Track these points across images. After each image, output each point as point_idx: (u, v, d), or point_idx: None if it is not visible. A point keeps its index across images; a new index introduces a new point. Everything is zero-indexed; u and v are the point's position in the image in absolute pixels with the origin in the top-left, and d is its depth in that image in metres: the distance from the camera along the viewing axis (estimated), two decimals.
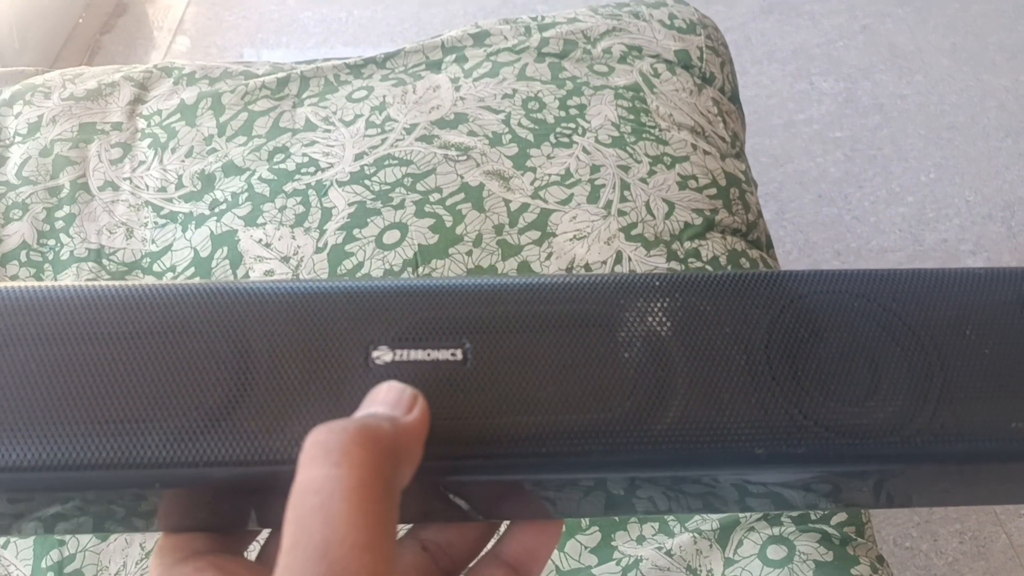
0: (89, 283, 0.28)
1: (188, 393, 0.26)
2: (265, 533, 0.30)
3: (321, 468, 0.20)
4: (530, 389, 0.26)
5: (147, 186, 0.87)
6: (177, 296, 0.27)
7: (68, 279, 0.80)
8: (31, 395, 0.25)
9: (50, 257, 0.82)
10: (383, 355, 0.27)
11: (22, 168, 0.87)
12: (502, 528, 0.31)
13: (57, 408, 0.25)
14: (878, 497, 0.31)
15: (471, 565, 0.30)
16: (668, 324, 0.28)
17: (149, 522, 0.28)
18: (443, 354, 0.27)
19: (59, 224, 0.84)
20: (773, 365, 0.27)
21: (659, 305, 0.28)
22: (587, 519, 0.71)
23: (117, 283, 0.28)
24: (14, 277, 0.81)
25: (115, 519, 0.29)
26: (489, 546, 0.30)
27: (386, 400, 0.24)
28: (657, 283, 0.29)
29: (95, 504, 0.27)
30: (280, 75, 0.94)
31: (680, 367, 0.27)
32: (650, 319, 0.28)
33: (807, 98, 1.87)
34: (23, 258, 0.82)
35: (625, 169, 0.86)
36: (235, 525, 0.27)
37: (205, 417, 0.25)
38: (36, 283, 0.28)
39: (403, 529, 0.30)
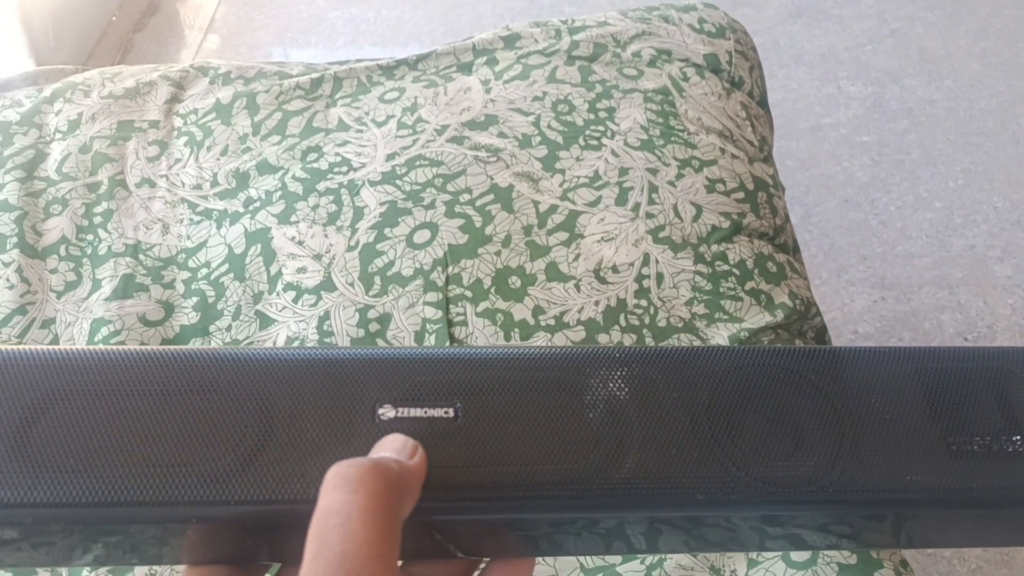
0: (134, 347, 0.32)
1: (219, 443, 0.30)
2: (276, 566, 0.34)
3: (341, 494, 0.25)
4: (510, 443, 0.31)
5: (183, 183, 0.89)
6: (209, 359, 0.32)
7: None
8: (86, 442, 0.30)
9: (88, 252, 0.84)
10: (387, 412, 0.31)
11: (62, 164, 0.89)
12: (482, 565, 0.35)
13: (108, 453, 0.30)
14: (897, 537, 0.36)
15: None
16: (626, 390, 0.33)
17: (178, 555, 0.33)
18: (437, 412, 0.32)
19: (97, 220, 0.86)
20: (713, 426, 0.32)
21: (619, 374, 0.33)
22: None
23: (159, 348, 0.33)
24: (54, 271, 0.83)
25: (148, 552, 0.33)
26: None
27: (392, 447, 0.29)
28: (618, 355, 0.34)
29: (135, 537, 0.31)
30: (314, 75, 0.96)
31: (635, 426, 0.32)
32: (611, 385, 0.33)
33: (834, 102, 1.87)
34: (62, 252, 0.84)
35: (653, 172, 0.87)
36: (251, 558, 0.31)
37: (234, 463, 0.30)
38: (89, 346, 0.33)
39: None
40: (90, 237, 0.85)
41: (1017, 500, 0.33)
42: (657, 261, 0.82)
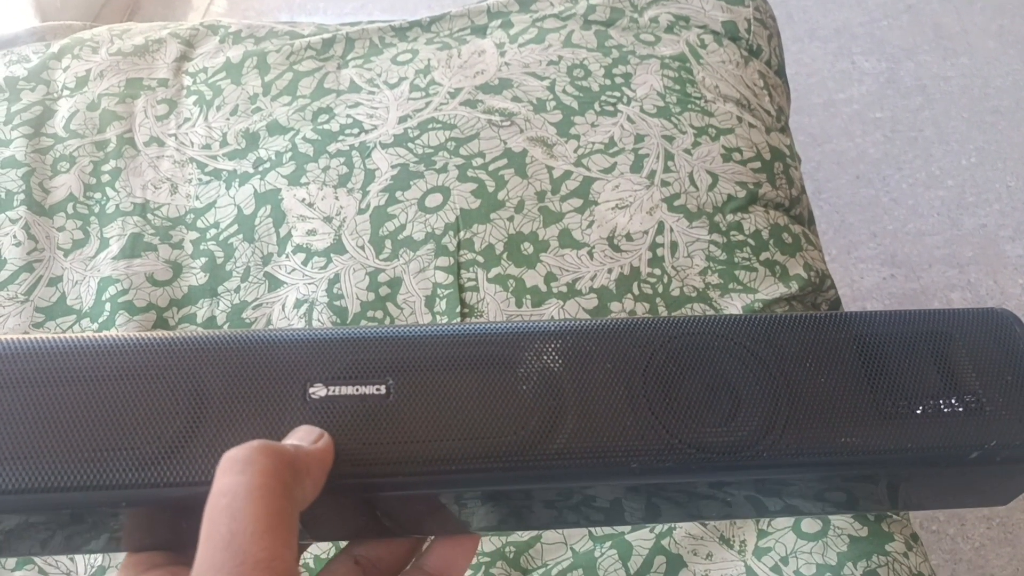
0: (64, 335, 0.32)
1: (149, 427, 0.30)
2: None
3: (230, 476, 0.24)
4: (443, 419, 0.31)
5: (192, 143, 0.88)
6: (140, 345, 0.32)
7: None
8: (16, 430, 0.30)
9: (96, 210, 0.83)
10: (318, 391, 0.31)
11: (70, 121, 0.88)
12: (426, 544, 0.35)
13: (36, 440, 0.30)
14: (892, 501, 0.37)
15: None
16: (560, 362, 0.33)
17: (116, 542, 0.33)
18: (369, 389, 0.31)
19: (105, 178, 0.85)
20: (649, 395, 0.32)
21: (552, 346, 0.33)
22: None
23: (88, 335, 0.32)
24: (61, 229, 0.82)
25: (84, 540, 0.33)
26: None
27: (296, 435, 0.29)
28: (551, 328, 0.34)
29: (69, 526, 0.31)
30: (325, 36, 0.94)
31: (570, 398, 0.32)
32: (545, 358, 0.33)
33: (848, 77, 1.84)
34: (70, 210, 0.83)
35: (669, 139, 0.86)
36: (189, 543, 0.30)
37: (164, 447, 0.30)
38: (15, 336, 0.32)
39: (339, 548, 0.35)
40: (98, 195, 0.84)
41: (950, 459, 0.33)
42: (672, 230, 0.81)
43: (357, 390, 0.31)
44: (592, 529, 0.69)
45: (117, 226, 0.82)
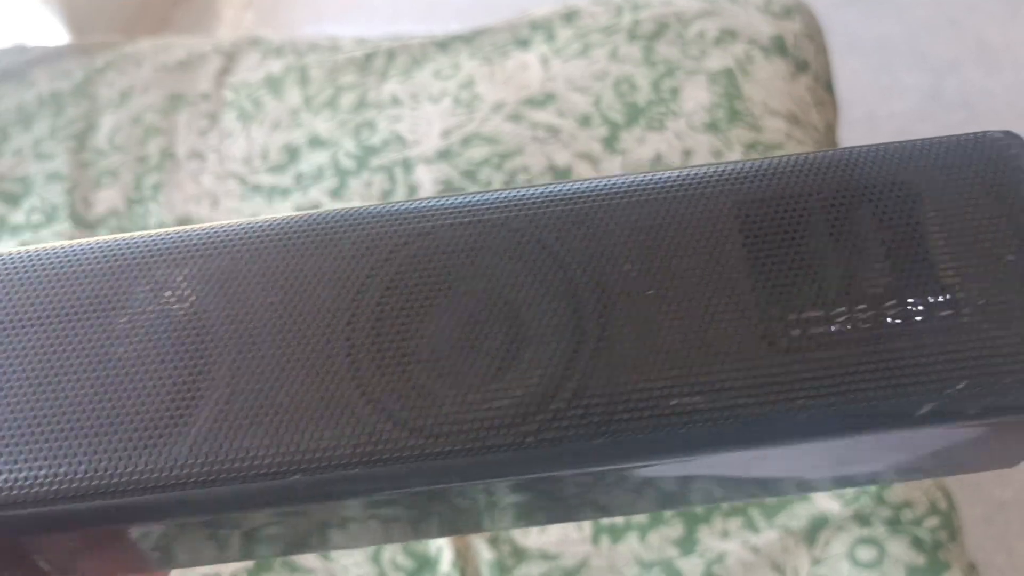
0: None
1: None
2: None
3: None
4: None
5: (233, 157, 0.87)
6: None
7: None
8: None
9: (139, 224, 0.83)
10: None
11: (113, 136, 0.88)
12: None
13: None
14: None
15: None
16: (193, 299, 0.20)
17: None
18: None
19: (148, 192, 0.85)
20: (356, 350, 0.20)
21: (184, 273, 0.20)
22: (669, 511, 0.69)
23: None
24: None
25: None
26: None
27: None
28: (191, 240, 0.21)
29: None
30: (367, 50, 0.94)
31: (219, 361, 0.19)
32: (168, 294, 0.20)
33: (890, 92, 1.81)
34: (113, 224, 0.83)
35: (718, 155, 0.84)
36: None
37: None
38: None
39: None
40: (140, 209, 0.84)
41: (886, 417, 0.20)
42: None
43: None
44: (641, 556, 0.67)
45: None
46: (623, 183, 0.22)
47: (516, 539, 0.69)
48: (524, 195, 0.22)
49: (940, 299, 0.20)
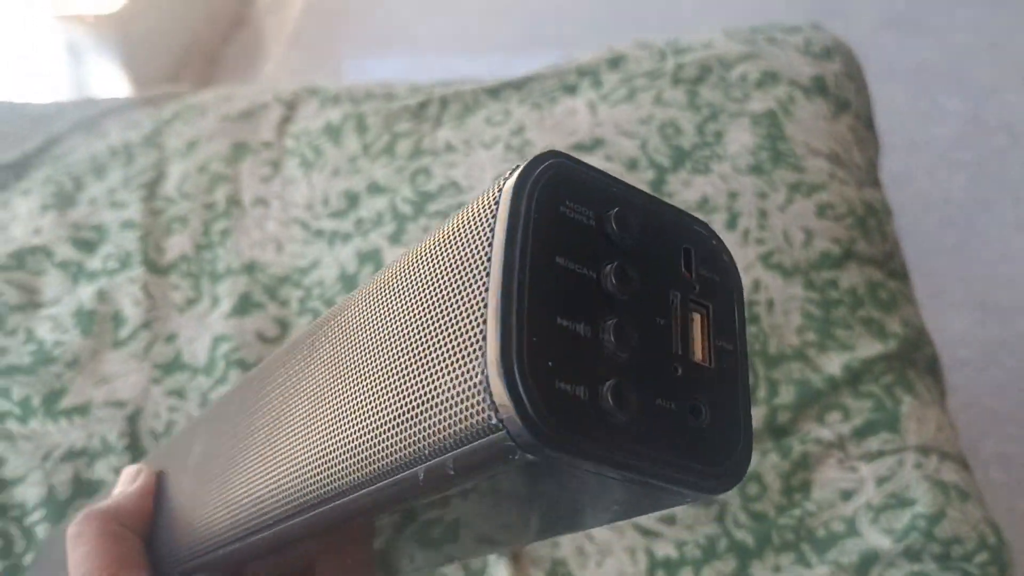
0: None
1: None
2: None
3: (71, 553, 0.29)
4: None
5: (295, 203, 0.91)
6: None
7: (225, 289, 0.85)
8: None
9: (207, 269, 0.87)
10: None
11: (182, 184, 0.93)
12: None
13: None
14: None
15: None
16: None
17: None
18: None
19: (215, 238, 0.89)
20: None
21: None
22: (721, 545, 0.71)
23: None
24: (175, 287, 0.86)
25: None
26: None
27: (122, 478, 0.34)
28: None
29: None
30: (420, 98, 0.98)
31: None
32: None
33: (930, 118, 1.82)
34: (183, 269, 0.87)
35: (763, 196, 0.86)
36: None
37: None
38: None
39: None
40: (208, 255, 0.88)
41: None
42: (768, 287, 0.81)
43: None
44: None
45: (227, 285, 0.85)
46: None
47: (574, 572, 0.71)
48: None
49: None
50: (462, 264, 0.20)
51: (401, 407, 0.20)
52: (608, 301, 0.20)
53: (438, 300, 0.20)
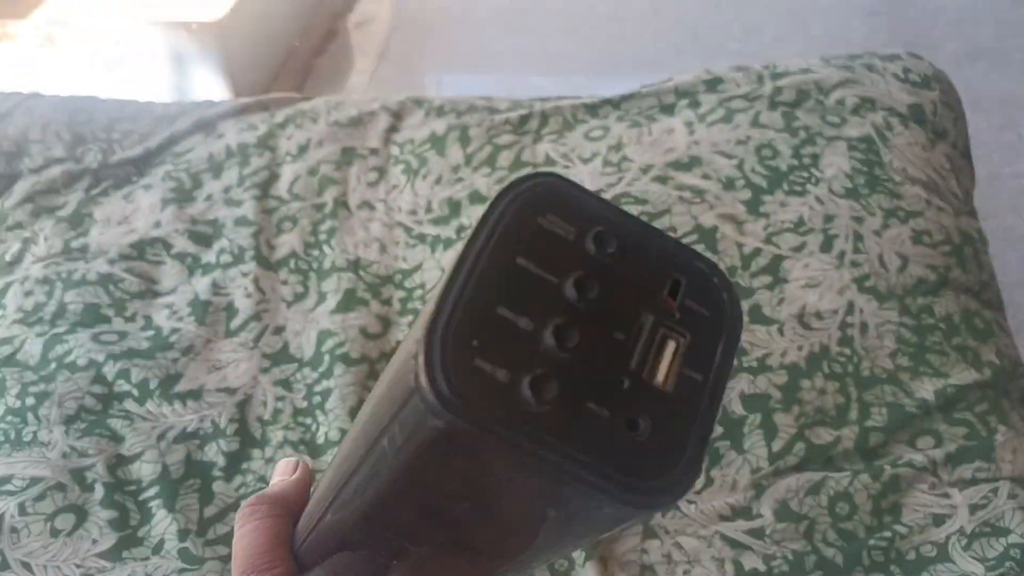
0: None
1: None
2: None
3: (243, 524, 0.33)
4: None
5: (399, 208, 0.95)
6: None
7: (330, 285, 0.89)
8: None
9: (315, 266, 0.91)
10: None
11: (293, 185, 0.97)
12: None
13: None
14: None
15: None
16: None
17: None
18: None
19: (323, 236, 0.93)
20: None
21: None
22: None
23: None
24: (284, 282, 0.90)
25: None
26: None
27: (279, 470, 0.37)
28: None
29: None
30: (522, 112, 1.01)
31: None
32: None
33: (1014, 150, 1.79)
34: (292, 266, 0.91)
35: (859, 221, 0.87)
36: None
37: None
38: None
39: None
40: (316, 252, 0.92)
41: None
42: (862, 310, 0.82)
43: None
44: None
45: (333, 281, 0.89)
46: None
47: None
48: None
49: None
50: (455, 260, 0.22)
51: (389, 383, 0.23)
52: (564, 306, 0.21)
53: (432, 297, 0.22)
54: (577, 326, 0.21)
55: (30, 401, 0.82)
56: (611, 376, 0.21)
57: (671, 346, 0.22)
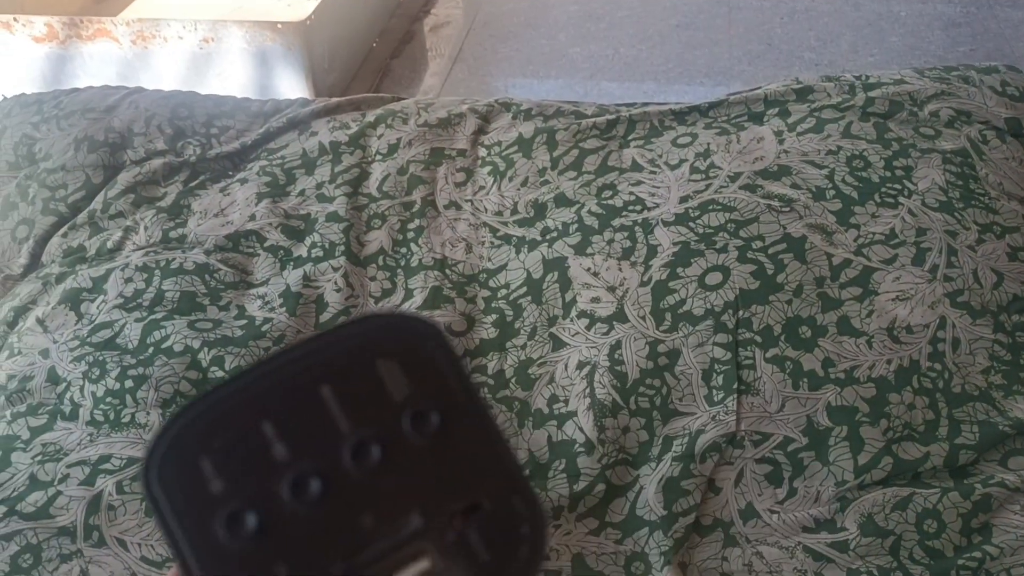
0: None
1: None
2: None
3: None
4: None
5: (485, 209, 0.97)
6: None
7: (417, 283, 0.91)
8: None
9: (402, 263, 0.93)
10: None
11: (382, 183, 1.00)
12: None
13: None
14: None
15: None
16: None
17: None
18: None
19: (410, 235, 0.95)
20: None
21: None
22: None
23: None
24: (372, 278, 0.92)
25: None
26: None
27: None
28: None
29: None
30: (608, 117, 1.02)
31: None
32: None
33: None
34: (380, 262, 0.93)
35: (952, 235, 0.86)
36: None
37: None
38: None
39: None
40: (404, 250, 0.94)
41: None
42: (954, 326, 0.81)
43: None
44: None
45: (420, 279, 0.91)
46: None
47: None
48: None
49: None
50: None
51: None
52: (331, 459, 0.19)
53: None
54: (334, 487, 0.19)
55: (129, 384, 0.85)
56: (323, 555, 0.19)
57: (422, 564, 0.19)
